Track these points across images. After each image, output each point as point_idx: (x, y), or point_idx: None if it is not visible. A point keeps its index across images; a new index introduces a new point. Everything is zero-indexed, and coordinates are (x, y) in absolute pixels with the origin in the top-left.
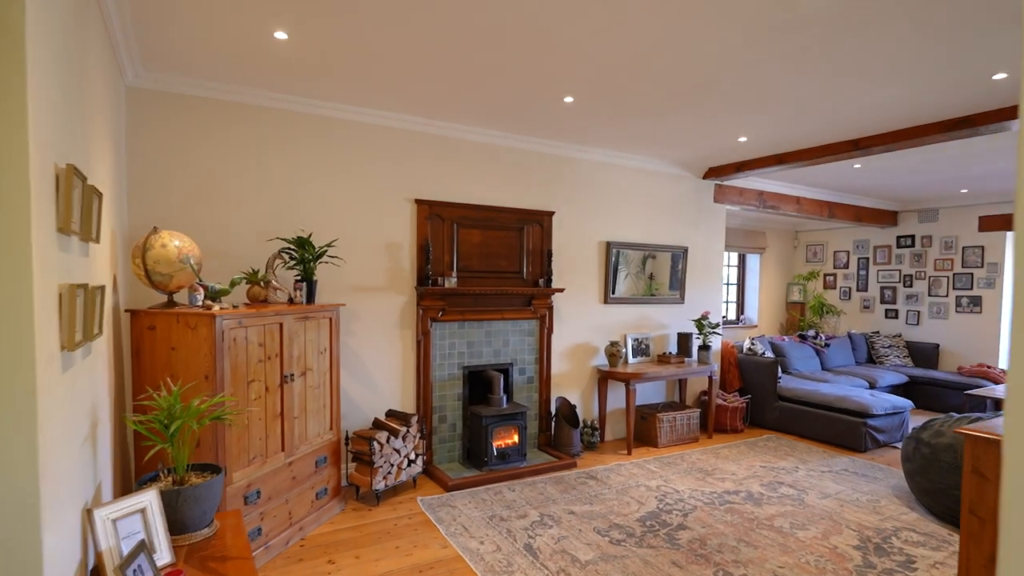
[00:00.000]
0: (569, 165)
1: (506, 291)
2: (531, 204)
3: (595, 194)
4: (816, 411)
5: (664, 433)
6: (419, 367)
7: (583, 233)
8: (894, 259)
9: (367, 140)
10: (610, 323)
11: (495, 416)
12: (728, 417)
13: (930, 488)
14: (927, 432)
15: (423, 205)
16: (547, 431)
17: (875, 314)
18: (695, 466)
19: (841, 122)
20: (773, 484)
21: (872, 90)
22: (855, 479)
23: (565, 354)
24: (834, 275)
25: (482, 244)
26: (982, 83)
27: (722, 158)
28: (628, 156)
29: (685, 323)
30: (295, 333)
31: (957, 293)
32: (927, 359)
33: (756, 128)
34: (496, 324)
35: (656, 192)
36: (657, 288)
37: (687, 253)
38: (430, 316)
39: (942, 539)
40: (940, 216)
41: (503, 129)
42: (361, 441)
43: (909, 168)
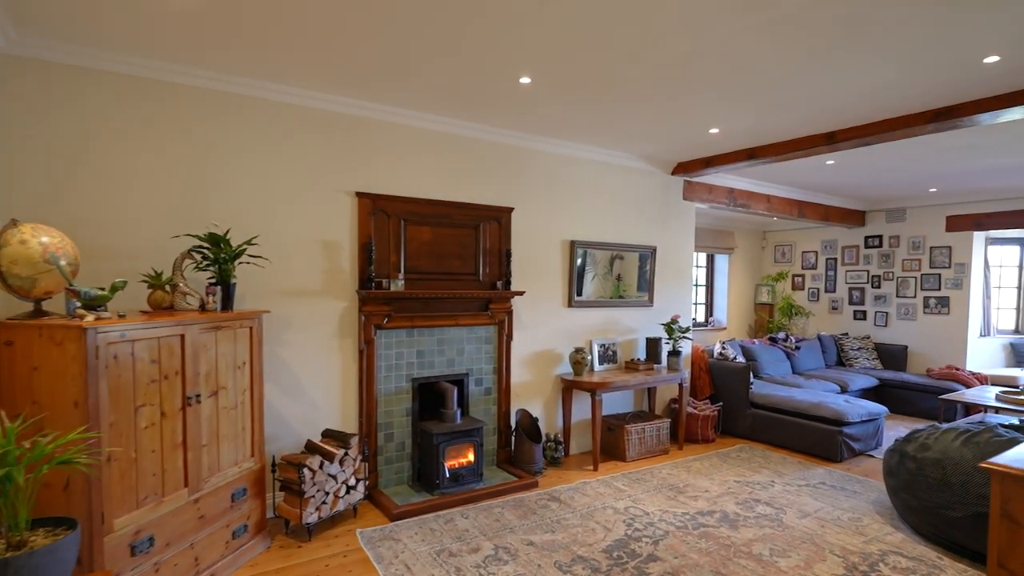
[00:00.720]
0: (529, 158)
1: (460, 294)
2: (488, 199)
3: (558, 190)
4: (790, 419)
5: (632, 446)
6: (362, 380)
7: (545, 231)
8: (862, 259)
9: (298, 124)
10: (575, 328)
11: (448, 433)
12: (699, 426)
13: (916, 506)
14: (912, 445)
15: (365, 199)
16: (507, 447)
17: (844, 315)
18: (665, 482)
19: (816, 113)
20: (749, 502)
21: (851, 75)
22: (834, 493)
23: (526, 362)
24: (802, 276)
25: (433, 243)
26: (972, 67)
27: (691, 152)
28: (593, 149)
29: (654, 327)
30: (203, 346)
31: (925, 294)
32: (896, 361)
33: (728, 118)
34: (449, 331)
35: (623, 188)
36: (625, 290)
37: (655, 253)
38: (374, 323)
39: (932, 564)
40: (908, 216)
41: (456, 116)
42: (290, 468)
43: (880, 165)
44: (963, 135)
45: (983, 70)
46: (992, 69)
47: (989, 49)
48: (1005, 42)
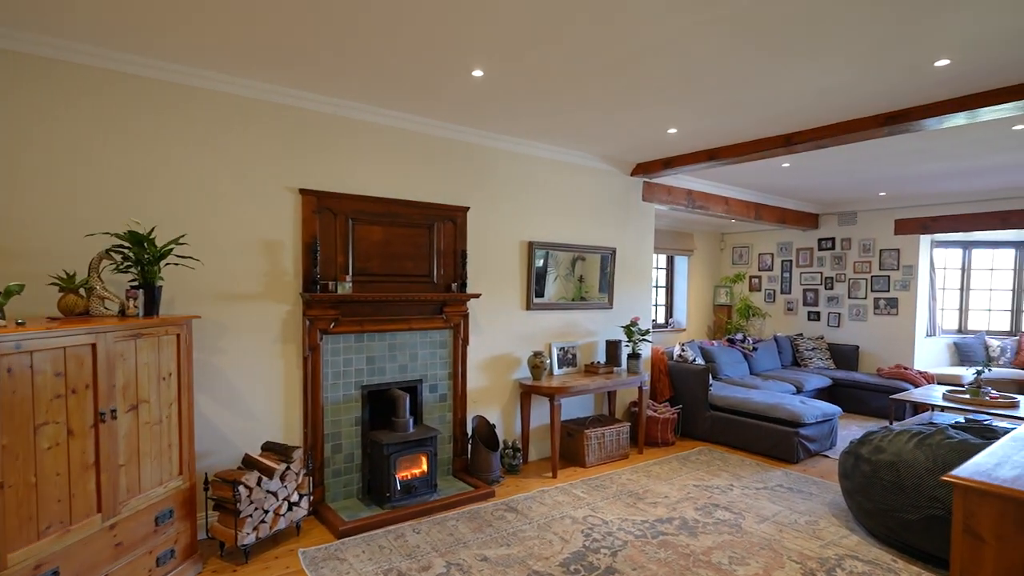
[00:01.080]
0: (486, 156)
1: (413, 297)
2: (442, 198)
3: (515, 189)
4: (748, 420)
5: (592, 451)
6: (307, 388)
7: (503, 232)
8: (815, 261)
9: (236, 115)
10: (533, 331)
11: (399, 443)
12: (659, 429)
13: (871, 509)
14: (866, 447)
15: (310, 196)
16: (463, 455)
17: (798, 316)
18: (625, 489)
19: (775, 115)
20: (708, 507)
21: (809, 76)
22: (791, 496)
23: (483, 367)
24: (759, 277)
25: (384, 243)
26: (923, 70)
27: (651, 153)
28: (552, 148)
29: (614, 330)
30: (120, 356)
31: (875, 295)
32: (848, 361)
33: (686, 118)
34: (402, 335)
35: (582, 188)
36: (587, 291)
37: (615, 255)
38: (320, 327)
39: (887, 568)
40: (858, 219)
41: (408, 111)
42: (223, 486)
43: (833, 169)
44: (912, 140)
45: (934, 74)
46: (942, 73)
47: (940, 52)
48: (956, 46)
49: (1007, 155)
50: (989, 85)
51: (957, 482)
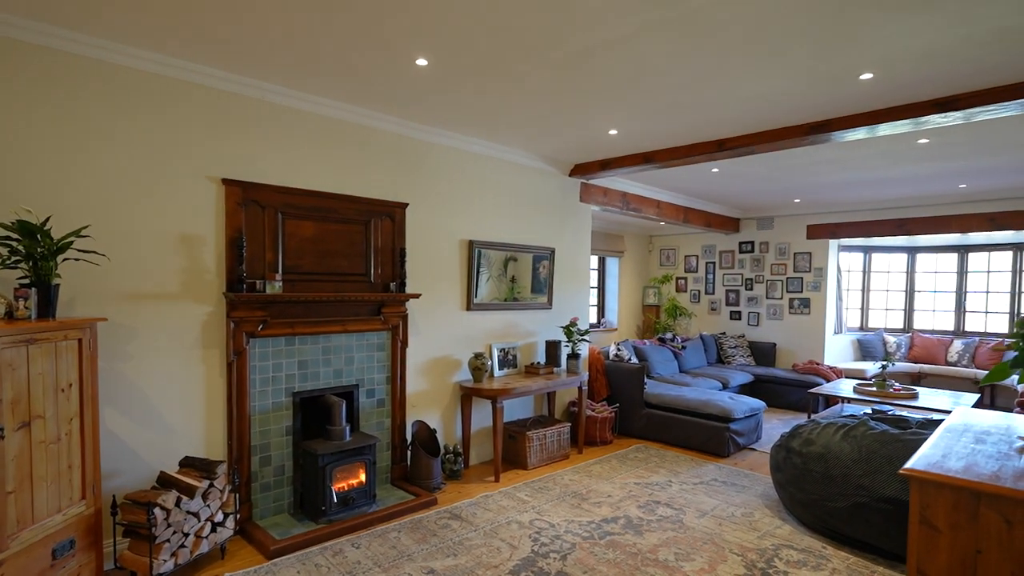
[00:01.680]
0: (426, 151)
1: (349, 297)
2: (380, 193)
3: (456, 186)
4: (682, 417)
5: (534, 453)
6: (231, 397)
7: (442, 230)
8: (737, 264)
9: (149, 94)
10: (474, 332)
11: (336, 453)
12: (598, 429)
13: (803, 499)
14: (796, 440)
15: (234, 187)
16: (402, 462)
17: (721, 316)
18: (568, 490)
19: (712, 119)
20: (650, 505)
21: (747, 82)
22: (726, 490)
23: (423, 370)
24: (685, 278)
25: (317, 240)
26: (849, 83)
27: (590, 154)
28: (493, 145)
29: (553, 330)
30: (8, 364)
31: (790, 296)
32: (766, 357)
33: (627, 119)
34: (337, 338)
35: (522, 188)
36: (520, 292)
37: (554, 255)
38: (246, 330)
39: (819, 555)
40: (775, 224)
41: (346, 99)
42: (136, 509)
43: (756, 175)
44: (827, 150)
45: (858, 86)
46: (866, 86)
47: (866, 66)
48: (880, 61)
49: (910, 167)
50: (902, 100)
51: (913, 475)
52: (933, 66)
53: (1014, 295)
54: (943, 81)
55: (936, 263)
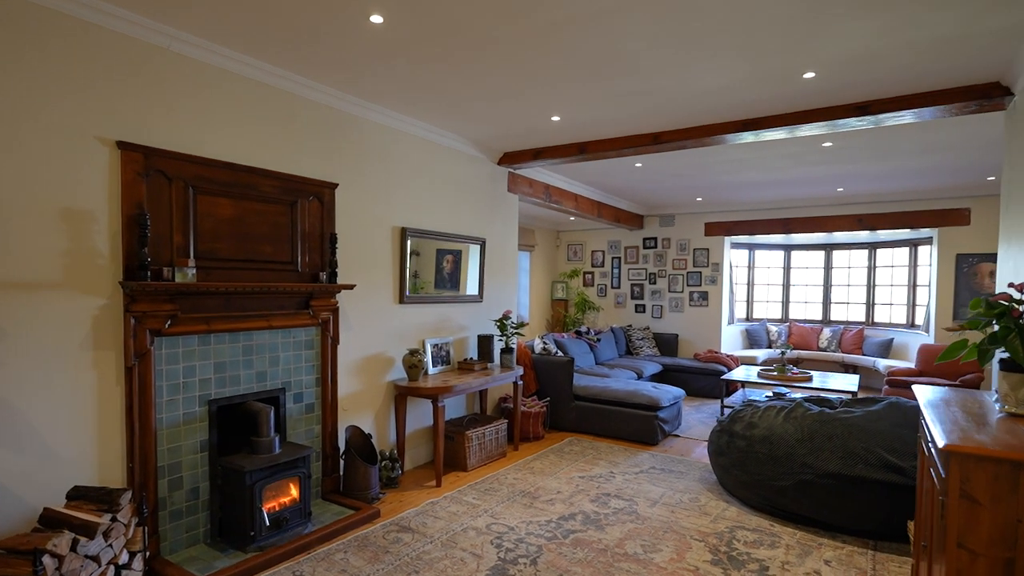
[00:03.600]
0: (359, 127)
1: (275, 287)
2: (308, 171)
3: (389, 168)
4: (611, 408)
5: (473, 453)
6: (132, 409)
7: (374, 215)
8: (641, 259)
9: (20, 28)
10: (407, 327)
11: (266, 468)
12: (531, 424)
13: (748, 481)
14: (739, 425)
15: (134, 153)
16: (334, 473)
17: (627, 309)
18: (516, 489)
19: (655, 112)
20: (601, 498)
21: (700, 74)
22: (666, 477)
23: (355, 369)
24: (592, 273)
25: (236, 220)
26: (793, 80)
27: (523, 142)
28: (427, 127)
29: (485, 324)
30: None
31: (690, 289)
32: (670, 348)
33: (574, 104)
34: (260, 335)
35: (454, 174)
36: (452, 284)
37: (485, 246)
38: (151, 327)
39: (770, 532)
40: (676, 221)
41: (278, 62)
42: (16, 561)
43: (672, 172)
44: (739, 150)
45: (800, 84)
46: (805, 85)
47: (809, 65)
48: (823, 61)
49: (808, 169)
50: (828, 102)
51: (955, 450)
52: (870, 69)
53: (869, 288)
54: (871, 85)
55: (807, 260)
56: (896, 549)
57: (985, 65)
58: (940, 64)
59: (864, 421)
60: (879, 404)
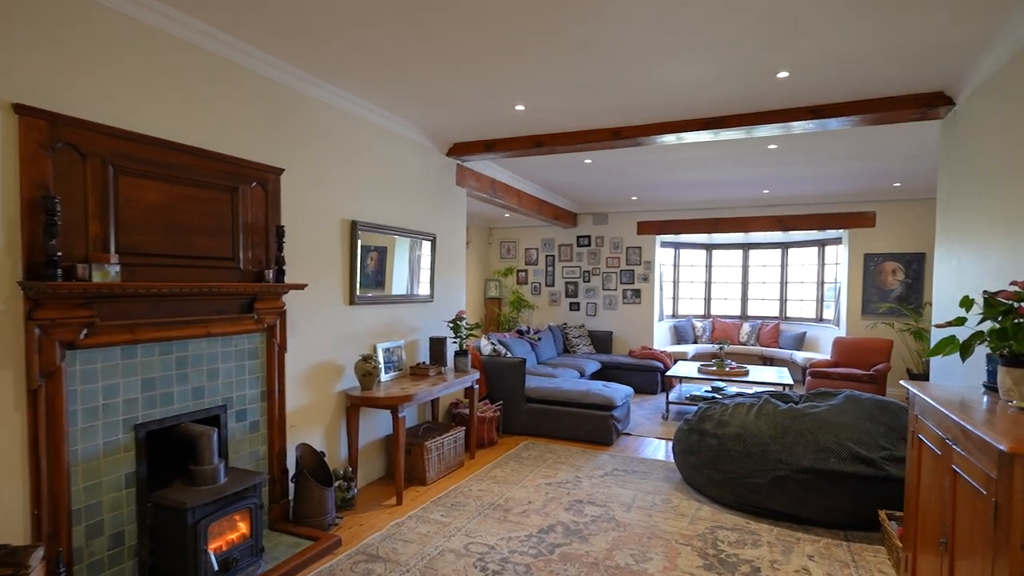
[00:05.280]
0: (306, 106)
1: (214, 288)
2: (250, 152)
3: (338, 155)
4: (564, 409)
5: (432, 465)
6: (37, 442)
7: (322, 206)
8: (575, 257)
9: None
10: (358, 331)
11: (212, 502)
12: (485, 429)
13: (721, 479)
14: (709, 423)
15: (36, 120)
16: (283, 499)
17: (561, 307)
18: (484, 502)
19: (622, 106)
20: (575, 506)
21: (680, 66)
22: (632, 478)
23: (304, 380)
24: (526, 271)
25: (167, 208)
26: (765, 79)
27: (478, 132)
28: (378, 110)
29: (436, 325)
30: None
31: (623, 287)
32: (604, 345)
33: (542, 93)
34: (197, 344)
35: (405, 164)
36: (403, 283)
37: (436, 242)
38: (61, 338)
39: (749, 531)
40: (609, 220)
41: (217, 23)
42: None
43: (618, 170)
44: (686, 150)
45: (770, 84)
46: (775, 85)
47: (785, 64)
48: (800, 60)
49: (748, 170)
50: (787, 104)
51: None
52: (840, 71)
53: (782, 285)
54: (834, 88)
55: (727, 258)
56: (865, 538)
57: (936, 75)
58: (902, 71)
59: (830, 415)
60: (837, 398)
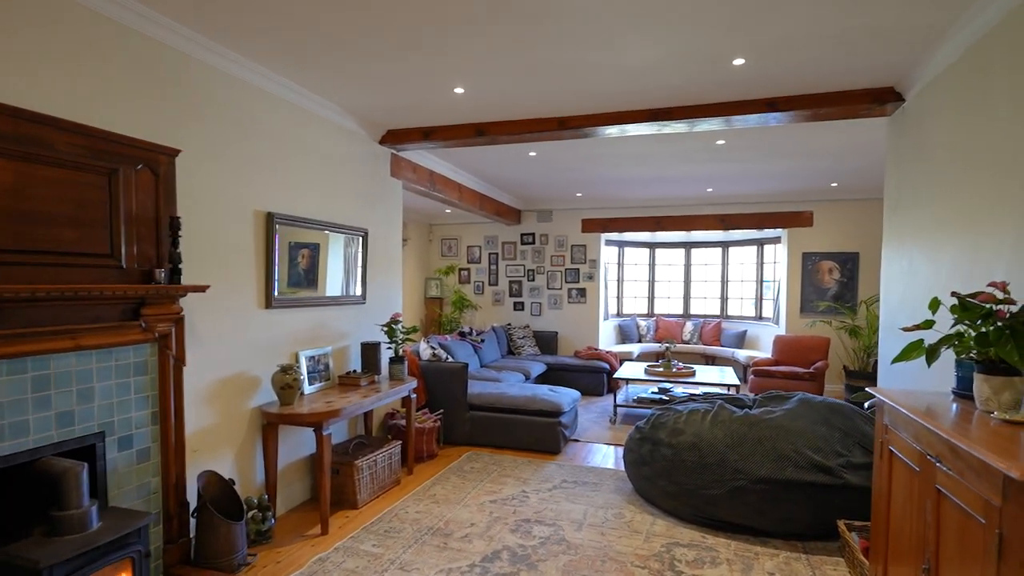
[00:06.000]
0: (207, 76)
1: (84, 292)
2: (135, 128)
3: (250, 137)
4: (509, 416)
5: (364, 486)
6: None
7: (230, 195)
8: (519, 255)
9: None
10: (277, 338)
11: (79, 556)
12: (424, 442)
13: (675, 491)
14: (663, 432)
15: None
16: (182, 538)
17: (505, 307)
18: (422, 526)
19: (570, 91)
20: (522, 527)
21: (636, 49)
22: (582, 491)
23: (208, 397)
24: (468, 270)
25: (14, 192)
26: (720, 65)
27: (414, 117)
28: (300, 90)
29: (369, 329)
30: None
31: (568, 286)
32: (549, 346)
33: (485, 75)
34: (62, 360)
35: (330, 150)
36: (329, 283)
37: (367, 238)
38: None
39: (706, 547)
40: (554, 217)
41: None
42: None
43: (564, 165)
44: (637, 144)
45: (724, 73)
46: (728, 74)
47: (740, 51)
48: (756, 45)
49: (694, 167)
50: (742, 96)
51: None
52: (794, 58)
53: (723, 283)
54: (788, 80)
55: (670, 257)
56: (824, 549)
57: (889, 68)
58: (858, 60)
59: (786, 421)
60: (791, 402)
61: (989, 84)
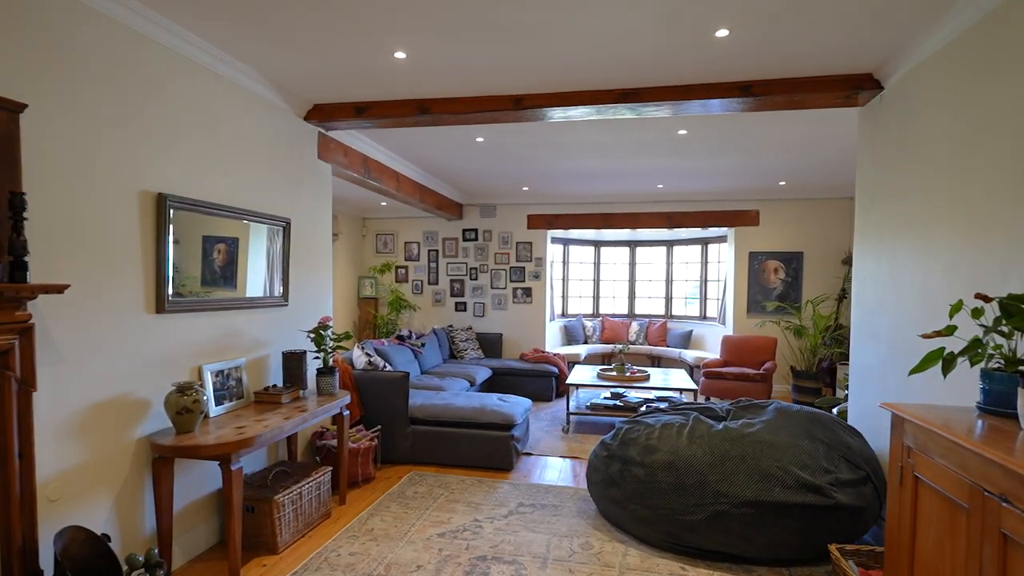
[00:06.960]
0: (78, 17)
1: None
2: None
3: (133, 95)
4: (456, 430)
5: (286, 525)
6: None
7: (107, 169)
8: (461, 252)
9: None
10: (172, 349)
11: None
12: (359, 464)
13: (649, 516)
14: (634, 449)
15: None
16: None
17: (446, 307)
18: (358, 573)
19: (527, 63)
20: (478, 567)
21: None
22: (541, 517)
23: (76, 428)
24: (406, 268)
25: None
26: (704, 38)
27: (345, 89)
28: (205, 46)
29: (294, 336)
30: None
31: (514, 285)
32: (494, 348)
33: (429, 39)
34: None
35: (245, 125)
36: (243, 281)
37: (289, 229)
38: None
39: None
40: (498, 212)
41: None
42: None
43: (513, 153)
44: (590, 133)
45: (709, 46)
46: (716, 48)
47: (724, 21)
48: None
49: (651, 160)
50: (717, 78)
51: None
52: (779, 33)
53: (667, 283)
54: (766, 60)
55: (615, 256)
56: (810, 575)
57: (872, 50)
58: (837, 40)
59: (767, 435)
60: (768, 412)
61: (1001, 61)
